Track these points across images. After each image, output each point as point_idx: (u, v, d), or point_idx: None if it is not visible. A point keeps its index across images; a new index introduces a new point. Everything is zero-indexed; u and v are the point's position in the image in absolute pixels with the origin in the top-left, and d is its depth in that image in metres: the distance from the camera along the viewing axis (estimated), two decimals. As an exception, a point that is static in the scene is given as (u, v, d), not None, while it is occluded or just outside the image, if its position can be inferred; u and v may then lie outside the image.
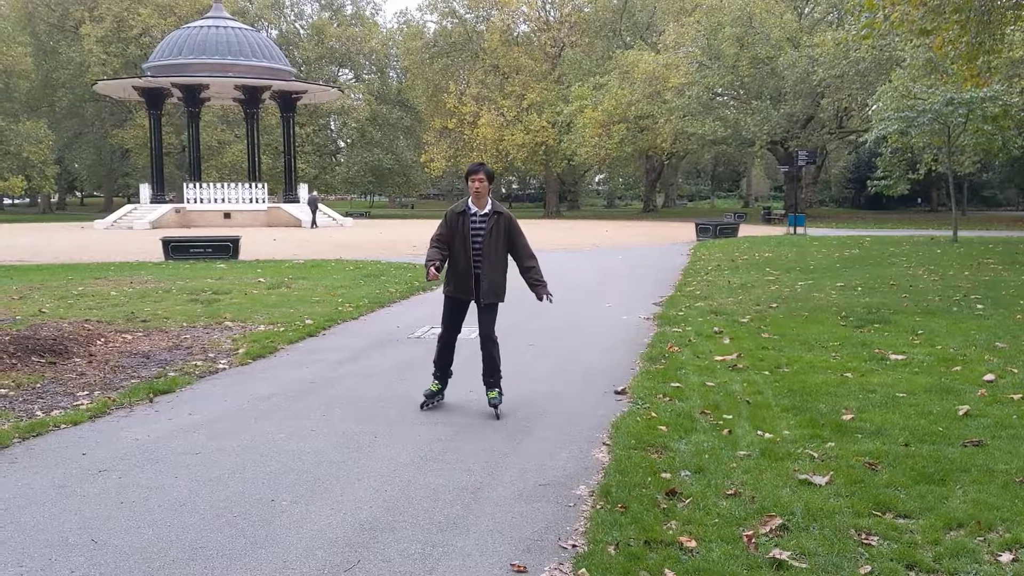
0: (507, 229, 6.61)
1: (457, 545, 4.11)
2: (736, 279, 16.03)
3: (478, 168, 6.57)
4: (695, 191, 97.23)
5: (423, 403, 6.79)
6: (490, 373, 6.74)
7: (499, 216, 6.60)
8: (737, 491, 4.65)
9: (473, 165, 6.58)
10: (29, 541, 4.19)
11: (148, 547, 4.10)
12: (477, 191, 6.53)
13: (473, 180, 6.54)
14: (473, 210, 6.61)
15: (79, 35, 62.32)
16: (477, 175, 6.53)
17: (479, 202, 6.60)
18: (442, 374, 6.97)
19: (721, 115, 49.99)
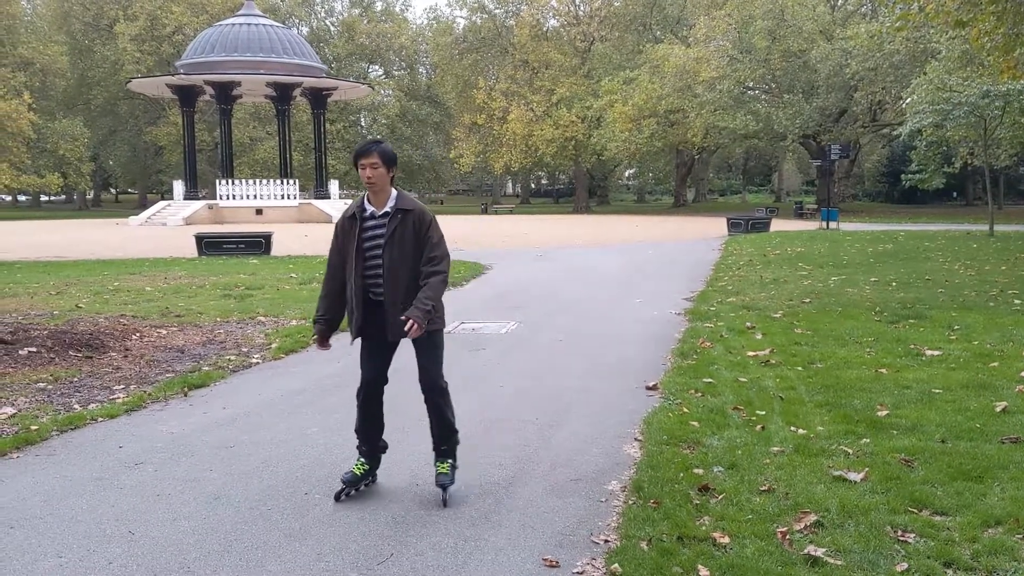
0: (417, 231, 4.63)
1: (489, 539, 4.12)
2: (768, 274, 15.90)
3: (369, 148, 4.65)
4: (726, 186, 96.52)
5: (339, 492, 4.69)
6: (441, 437, 4.83)
7: (405, 215, 4.63)
8: (771, 487, 4.62)
9: (362, 145, 4.72)
10: (68, 532, 4.25)
11: (184, 539, 4.15)
12: (370, 181, 4.61)
13: (362, 166, 4.62)
14: (368, 210, 4.69)
15: (113, 34, 63.06)
16: (367, 157, 4.61)
17: (376, 198, 4.68)
18: (370, 447, 4.90)
19: (752, 109, 49.52)
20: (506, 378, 7.73)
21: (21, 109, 52.39)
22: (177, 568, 3.82)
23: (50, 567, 3.84)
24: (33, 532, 4.26)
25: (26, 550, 4.04)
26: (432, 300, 4.53)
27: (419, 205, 4.70)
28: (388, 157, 4.66)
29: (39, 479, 5.06)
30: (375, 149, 4.63)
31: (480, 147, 63.71)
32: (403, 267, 4.60)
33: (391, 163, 4.68)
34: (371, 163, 4.60)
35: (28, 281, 16.00)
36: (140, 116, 68.07)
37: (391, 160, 4.68)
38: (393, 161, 4.69)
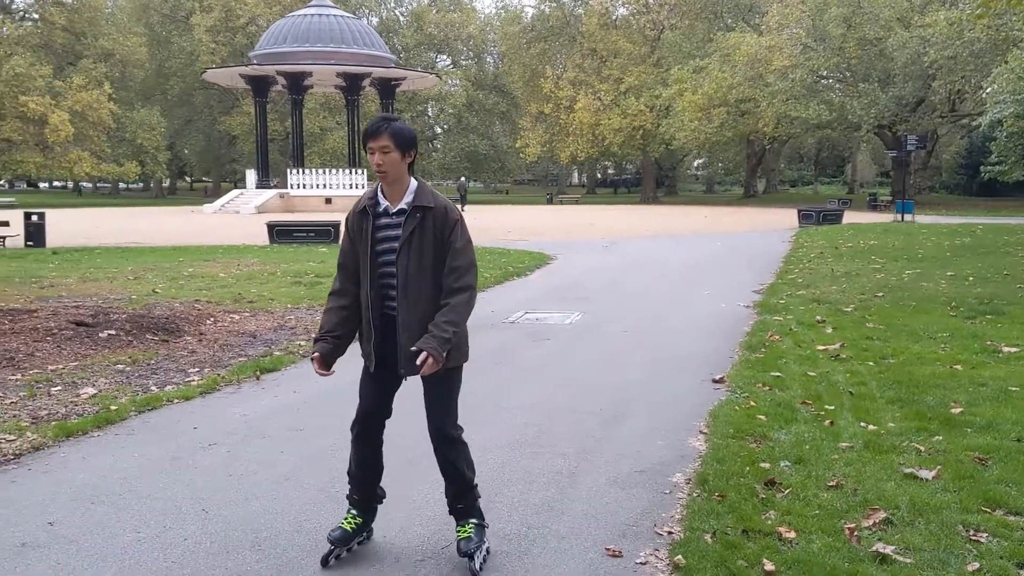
0: (438, 235, 3.73)
1: (552, 528, 4.14)
2: (840, 267, 15.60)
3: (378, 127, 3.68)
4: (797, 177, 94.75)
5: (325, 555, 3.81)
6: (456, 495, 3.91)
7: (424, 214, 3.72)
8: (839, 483, 4.55)
9: (371, 123, 3.73)
10: (145, 509, 4.40)
11: (255, 519, 4.26)
12: (380, 169, 3.71)
13: (371, 150, 3.70)
14: (382, 205, 3.79)
15: (190, 25, 64.59)
16: (376, 138, 3.67)
17: (390, 190, 3.78)
18: (362, 497, 3.99)
19: (826, 98, 48.51)
20: (570, 369, 7.73)
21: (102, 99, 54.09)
22: (249, 546, 3.93)
23: (129, 541, 3.99)
24: (113, 508, 4.42)
25: (106, 525, 4.19)
26: (453, 325, 3.60)
27: (442, 200, 3.77)
28: (403, 139, 3.68)
29: (118, 457, 5.25)
30: (385, 128, 3.66)
31: (546, 137, 63.65)
32: (421, 280, 3.69)
33: (407, 146, 3.70)
34: (381, 146, 3.65)
35: (108, 266, 16.52)
36: (214, 106, 69.62)
37: (407, 142, 3.70)
38: (409, 144, 3.70)
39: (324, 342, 3.85)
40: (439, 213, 3.73)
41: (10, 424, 5.78)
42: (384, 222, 3.77)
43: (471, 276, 3.73)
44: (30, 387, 6.80)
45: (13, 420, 5.89)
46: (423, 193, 3.77)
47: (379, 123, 3.70)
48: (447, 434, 3.90)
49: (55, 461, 5.16)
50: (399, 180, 3.75)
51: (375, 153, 3.67)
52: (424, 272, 3.71)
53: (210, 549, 3.92)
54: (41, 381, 7.03)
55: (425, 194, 3.76)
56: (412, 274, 3.70)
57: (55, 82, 53.33)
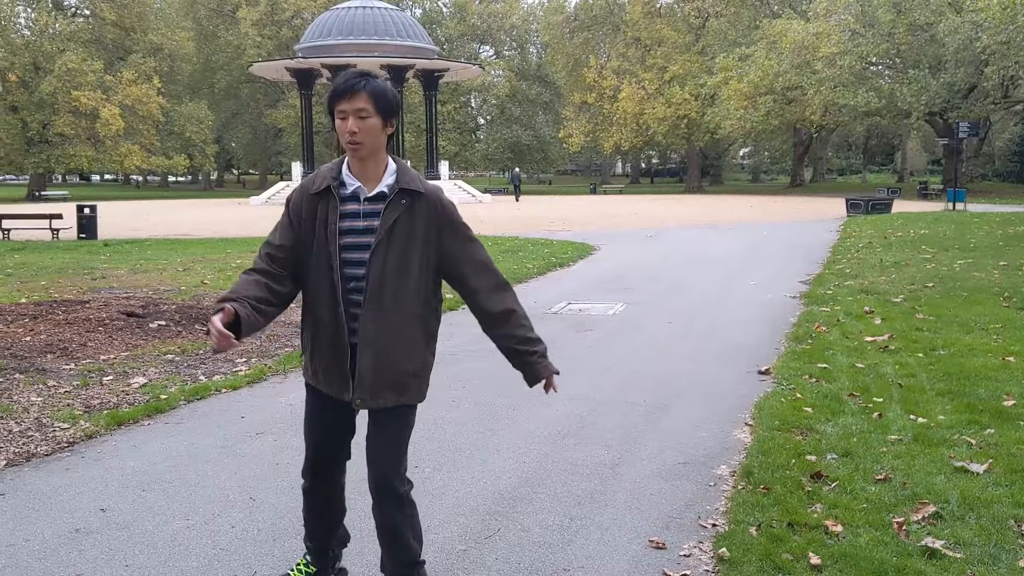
0: (433, 229, 2.98)
1: (595, 519, 4.14)
2: (889, 257, 15.34)
3: (353, 85, 2.84)
4: (845, 165, 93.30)
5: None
6: (395, 566, 3.21)
7: (413, 200, 2.95)
8: (887, 476, 4.48)
9: (342, 81, 2.88)
10: (194, 496, 4.48)
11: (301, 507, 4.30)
12: (353, 141, 2.86)
13: (341, 114, 2.86)
14: (350, 186, 2.96)
15: (236, 19, 65.40)
16: (349, 98, 2.84)
17: (363, 168, 2.95)
18: (318, 543, 3.41)
19: (875, 85, 47.64)
20: (613, 360, 7.71)
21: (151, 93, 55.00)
22: (294, 534, 3.98)
23: (178, 528, 4.06)
24: (163, 495, 4.50)
25: (156, 512, 4.28)
26: (533, 339, 3.13)
27: (432, 185, 3.02)
28: (385, 101, 2.85)
29: (168, 446, 5.34)
30: (363, 86, 2.82)
31: (590, 126, 63.42)
32: (400, 286, 2.90)
33: (390, 112, 2.87)
34: (356, 109, 2.81)
35: (157, 258, 16.82)
36: (261, 99, 70.43)
37: (389, 106, 2.87)
38: (392, 109, 2.88)
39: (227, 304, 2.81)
40: (432, 201, 2.95)
41: (64, 413, 5.91)
42: (352, 209, 2.91)
43: (503, 279, 3.13)
44: (83, 376, 6.95)
45: (67, 409, 6.02)
46: (407, 174, 2.95)
47: (354, 79, 2.83)
48: (393, 488, 3.07)
49: (107, 449, 5.27)
50: (376, 156, 2.92)
51: (347, 118, 2.81)
52: (406, 276, 2.89)
53: (257, 537, 3.98)
54: (93, 371, 7.18)
55: (409, 175, 2.96)
56: (389, 277, 2.87)
57: (106, 77, 54.33)
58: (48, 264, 16.02)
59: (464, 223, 3.07)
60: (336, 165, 2.99)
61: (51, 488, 4.60)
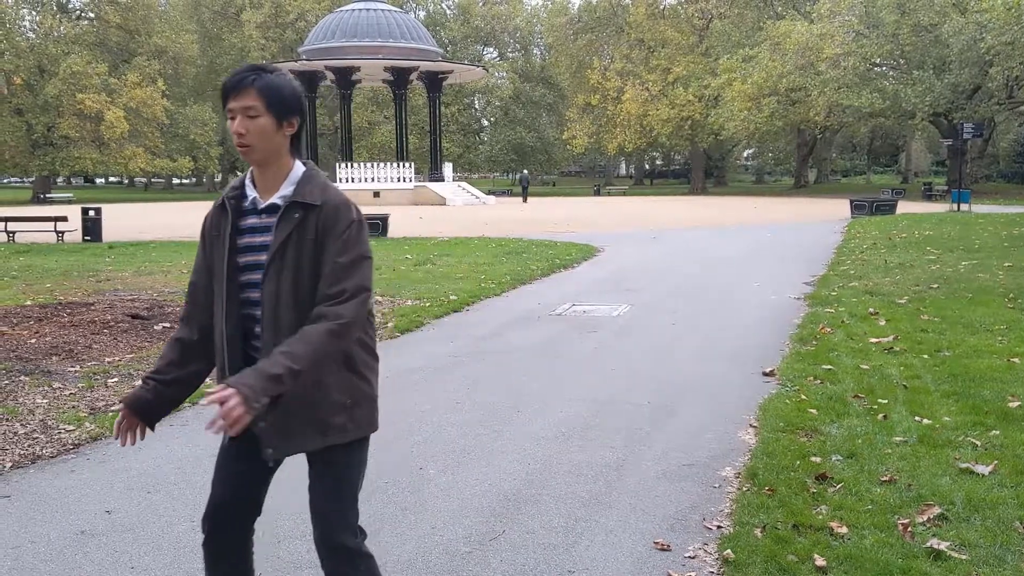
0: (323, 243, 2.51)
1: (600, 520, 4.14)
2: (893, 258, 15.32)
3: (242, 79, 2.49)
4: (850, 166, 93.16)
5: None
6: None
7: (306, 213, 2.52)
8: (892, 478, 4.47)
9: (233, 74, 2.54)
10: (199, 498, 4.46)
11: (304, 510, 4.28)
12: (241, 142, 2.50)
13: (230, 113, 2.51)
14: (249, 197, 2.61)
15: (240, 21, 65.53)
16: (237, 96, 2.48)
17: (261, 176, 2.59)
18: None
19: (879, 86, 47.57)
20: (618, 361, 7.71)
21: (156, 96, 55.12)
22: (300, 536, 3.98)
23: (184, 530, 4.07)
24: (168, 497, 4.51)
25: (162, 514, 4.28)
26: (293, 360, 2.35)
27: (335, 196, 2.56)
28: (278, 98, 2.48)
29: (173, 448, 5.35)
30: (251, 81, 2.46)
31: (593, 128, 63.43)
32: (297, 312, 2.49)
33: (286, 110, 2.50)
34: (244, 107, 2.46)
35: (162, 260, 16.84)
36: (265, 102, 70.46)
37: (285, 104, 2.49)
38: (290, 106, 2.50)
39: (143, 385, 2.69)
40: (328, 214, 2.50)
41: (69, 415, 5.93)
42: (251, 223, 2.56)
43: (353, 307, 2.44)
44: (88, 379, 6.97)
45: (72, 411, 6.03)
46: (308, 183, 2.54)
47: (243, 73, 2.48)
48: (341, 546, 2.68)
49: (112, 451, 5.28)
50: (273, 161, 2.52)
51: (235, 117, 2.46)
52: (302, 300, 2.49)
53: (262, 539, 3.97)
54: (99, 373, 7.19)
55: (311, 185, 2.54)
56: (284, 302, 2.49)
57: (110, 79, 54.44)
58: (53, 266, 16.05)
59: (355, 237, 2.50)
60: (242, 177, 2.65)
61: (56, 490, 4.60)
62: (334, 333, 2.42)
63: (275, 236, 2.50)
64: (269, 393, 2.32)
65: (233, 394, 2.24)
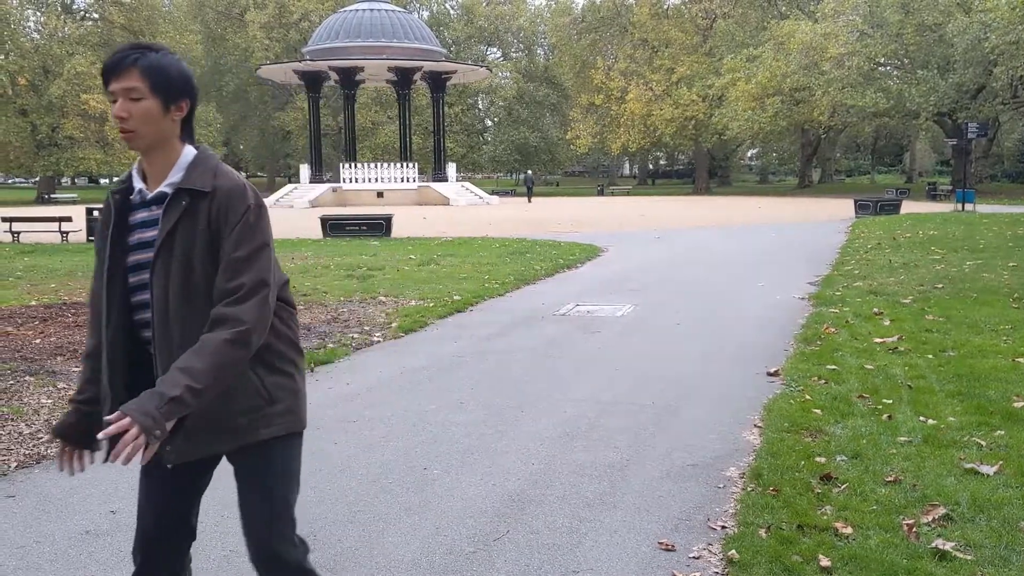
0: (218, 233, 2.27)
1: (604, 521, 4.13)
2: (898, 258, 15.29)
3: (123, 58, 2.26)
4: (854, 166, 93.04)
5: None
6: None
7: (196, 201, 2.28)
8: (897, 478, 4.47)
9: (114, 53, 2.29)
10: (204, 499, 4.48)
11: (310, 508, 4.31)
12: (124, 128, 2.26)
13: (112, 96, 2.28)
14: (136, 187, 2.38)
15: (244, 22, 65.58)
16: (119, 77, 2.25)
17: (149, 163, 2.36)
18: None
19: (883, 86, 47.52)
20: (622, 361, 7.70)
21: (159, 96, 55.02)
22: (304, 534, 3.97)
23: (188, 530, 4.07)
24: (172, 497, 4.51)
25: (166, 514, 4.28)
26: (192, 378, 2.13)
27: (231, 181, 2.31)
28: (164, 79, 2.26)
29: (177, 447, 5.35)
30: (133, 61, 2.23)
31: (597, 128, 63.41)
32: (189, 310, 2.27)
33: (174, 92, 2.28)
34: (126, 88, 2.24)
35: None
36: (269, 102, 70.59)
37: (173, 85, 2.28)
38: (179, 88, 2.29)
39: (68, 410, 2.54)
40: (220, 200, 2.26)
41: (74, 414, 5.93)
42: (140, 217, 2.33)
43: (252, 308, 2.22)
44: (92, 378, 6.97)
45: (76, 411, 6.04)
46: (199, 168, 2.31)
47: (124, 52, 2.26)
48: (278, 558, 2.48)
49: (117, 451, 5.28)
50: (161, 148, 2.31)
51: (116, 99, 2.25)
52: (194, 298, 2.27)
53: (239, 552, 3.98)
54: (103, 373, 7.19)
55: (202, 170, 2.31)
56: (174, 302, 2.26)
57: (115, 80, 54.43)
58: (58, 267, 16.08)
59: (253, 225, 2.28)
60: (131, 169, 2.43)
61: (61, 490, 4.61)
62: (233, 342, 2.19)
63: (161, 227, 2.28)
64: (171, 418, 2.11)
65: (129, 423, 2.03)
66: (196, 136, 2.42)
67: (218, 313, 2.23)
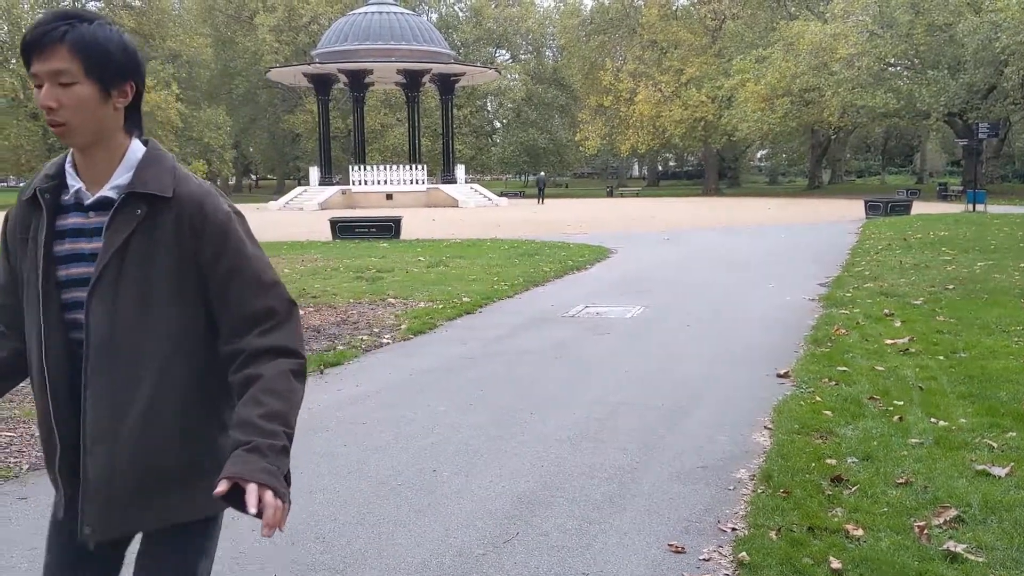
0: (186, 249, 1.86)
1: (613, 523, 4.13)
2: (908, 259, 15.24)
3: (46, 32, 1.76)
4: (864, 167, 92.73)
5: None
6: None
7: (154, 209, 1.85)
8: (908, 480, 4.45)
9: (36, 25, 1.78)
10: (213, 500, 4.49)
11: (319, 510, 4.32)
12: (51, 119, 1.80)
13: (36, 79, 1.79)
14: (72, 187, 1.89)
15: (254, 25, 65.77)
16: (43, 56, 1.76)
17: (86, 160, 1.88)
18: None
19: (893, 86, 47.38)
20: (631, 363, 7.69)
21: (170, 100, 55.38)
22: (313, 538, 3.99)
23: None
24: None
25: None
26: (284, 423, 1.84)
27: (195, 186, 1.92)
28: (103, 57, 1.81)
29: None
30: (58, 36, 1.78)
31: (606, 129, 63.36)
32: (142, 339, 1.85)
33: (113, 73, 1.83)
34: (52, 72, 1.78)
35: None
36: (278, 105, 70.79)
37: (111, 65, 1.82)
38: (118, 69, 1.84)
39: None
40: (191, 208, 1.86)
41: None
42: (74, 223, 1.89)
43: (295, 329, 1.94)
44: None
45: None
46: (153, 168, 1.88)
47: (48, 26, 1.78)
48: None
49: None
50: (101, 143, 1.87)
51: (42, 83, 1.79)
52: (150, 325, 1.84)
53: (277, 540, 3.99)
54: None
55: (157, 170, 1.88)
56: (125, 335, 1.83)
57: (125, 84, 54.73)
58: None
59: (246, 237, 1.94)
60: (59, 161, 1.94)
61: (72, 492, 4.62)
62: (298, 375, 1.90)
63: (107, 240, 1.83)
64: (284, 471, 1.78)
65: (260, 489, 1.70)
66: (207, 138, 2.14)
67: (261, 345, 1.85)
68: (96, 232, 1.86)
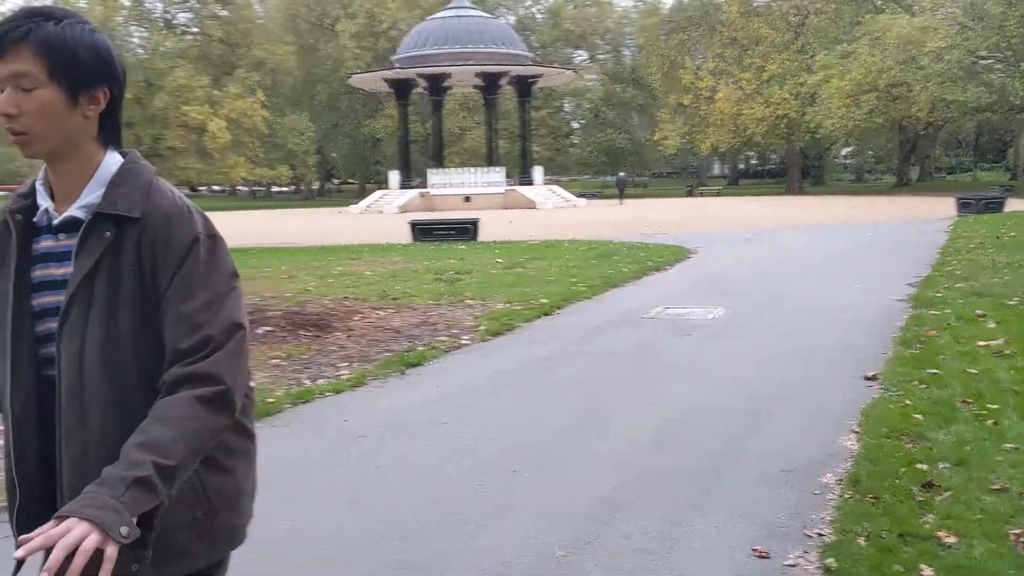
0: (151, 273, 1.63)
1: (697, 526, 4.08)
2: (1002, 258, 14.68)
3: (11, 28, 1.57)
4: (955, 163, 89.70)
5: None
6: None
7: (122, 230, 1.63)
8: (1003, 486, 4.29)
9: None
10: (300, 498, 4.60)
11: (401, 510, 4.38)
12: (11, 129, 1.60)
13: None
14: (42, 206, 1.70)
15: (336, 32, 67.06)
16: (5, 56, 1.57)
17: (58, 176, 1.69)
18: None
19: (985, 80, 45.68)
20: (713, 364, 7.60)
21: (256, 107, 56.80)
22: (396, 537, 4.05)
23: (284, 530, 4.17)
24: (271, 497, 4.59)
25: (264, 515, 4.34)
26: (166, 453, 1.51)
27: (165, 203, 1.68)
28: (68, 57, 1.61)
29: (275, 448, 5.49)
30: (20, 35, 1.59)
31: (686, 128, 62.71)
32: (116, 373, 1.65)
33: (81, 76, 1.63)
34: (12, 73, 1.59)
35: (262, 266, 17.34)
36: (360, 110, 71.95)
37: (80, 68, 1.62)
38: (89, 72, 1.63)
39: None
40: (157, 227, 1.66)
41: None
42: (46, 247, 1.72)
43: (226, 360, 1.63)
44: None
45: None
46: (126, 185, 1.69)
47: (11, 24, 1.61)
48: None
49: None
50: (69, 156, 1.69)
51: (4, 89, 1.61)
52: (115, 364, 1.65)
53: (360, 539, 4.06)
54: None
55: (130, 187, 1.69)
56: (94, 371, 1.65)
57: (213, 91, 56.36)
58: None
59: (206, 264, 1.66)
60: (32, 182, 1.78)
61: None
62: (209, 402, 1.58)
63: (76, 265, 1.65)
64: (138, 510, 1.47)
65: (76, 524, 1.39)
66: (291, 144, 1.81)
67: (179, 373, 1.59)
68: (66, 256, 1.68)
